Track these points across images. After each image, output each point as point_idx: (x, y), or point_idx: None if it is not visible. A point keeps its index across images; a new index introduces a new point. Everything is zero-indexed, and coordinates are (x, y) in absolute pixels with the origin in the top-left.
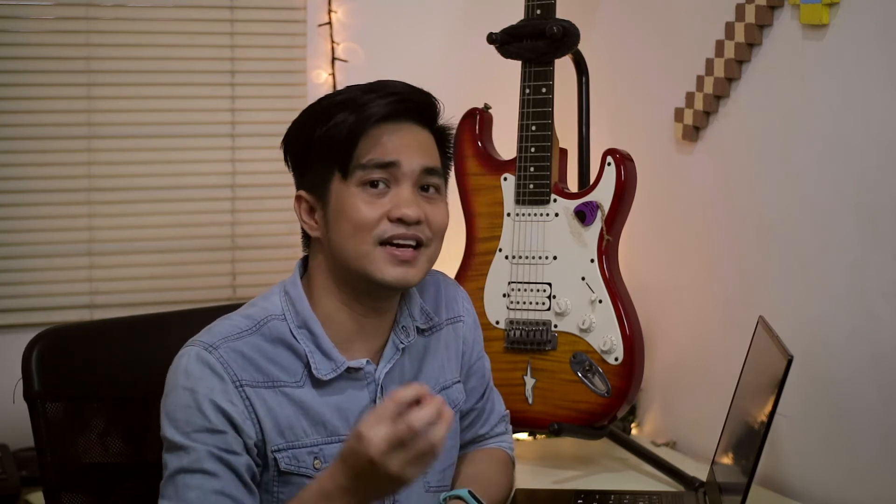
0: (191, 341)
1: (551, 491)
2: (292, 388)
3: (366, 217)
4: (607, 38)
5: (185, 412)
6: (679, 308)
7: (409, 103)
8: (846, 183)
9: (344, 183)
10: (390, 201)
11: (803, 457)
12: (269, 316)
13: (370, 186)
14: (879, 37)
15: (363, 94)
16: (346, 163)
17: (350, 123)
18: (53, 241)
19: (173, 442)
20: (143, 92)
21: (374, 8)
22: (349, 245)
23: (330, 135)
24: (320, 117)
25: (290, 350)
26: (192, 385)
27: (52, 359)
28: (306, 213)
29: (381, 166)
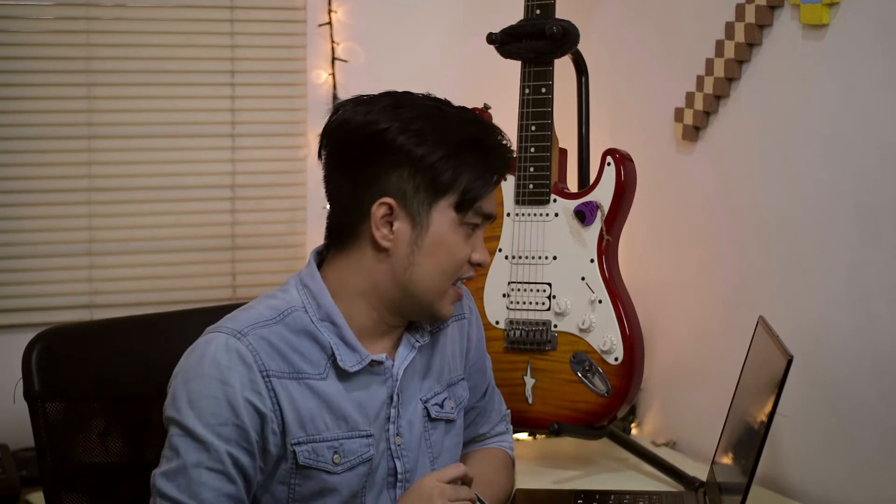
0: (215, 327)
1: (551, 491)
2: (316, 380)
3: (464, 255)
4: (607, 38)
5: (212, 403)
6: (679, 308)
7: None
8: (846, 183)
9: (454, 218)
10: (472, 244)
11: (803, 457)
12: (291, 307)
13: (472, 228)
14: (879, 37)
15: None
16: (468, 205)
17: (489, 169)
18: (53, 241)
19: (194, 432)
20: (143, 92)
21: (374, 8)
22: (436, 278)
23: (463, 173)
24: (437, 141)
25: (315, 341)
26: (223, 376)
27: (52, 359)
28: (382, 221)
29: (486, 217)
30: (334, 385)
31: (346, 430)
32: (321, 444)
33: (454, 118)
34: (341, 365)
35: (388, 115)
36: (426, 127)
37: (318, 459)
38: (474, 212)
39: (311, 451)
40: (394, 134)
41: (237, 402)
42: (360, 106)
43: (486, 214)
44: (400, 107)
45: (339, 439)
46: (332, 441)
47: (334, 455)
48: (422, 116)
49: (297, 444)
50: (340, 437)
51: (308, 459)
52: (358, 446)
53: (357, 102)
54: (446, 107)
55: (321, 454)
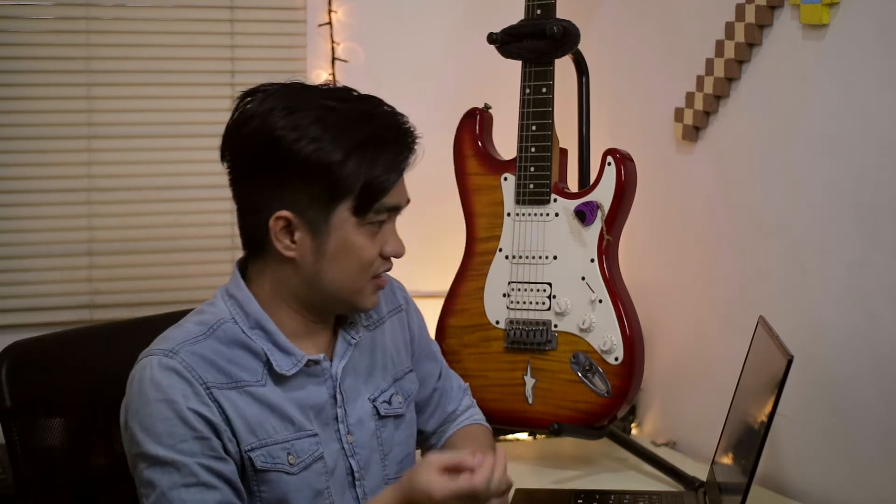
0: (146, 352)
1: (551, 491)
2: (255, 387)
3: (370, 256)
4: (607, 38)
5: (165, 424)
6: (679, 308)
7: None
8: (846, 183)
9: (354, 221)
10: (382, 238)
11: (803, 457)
12: (219, 320)
13: (374, 225)
14: (879, 37)
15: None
16: (367, 206)
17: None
18: (53, 241)
19: (158, 457)
20: (143, 92)
21: (374, 8)
22: (348, 280)
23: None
24: (331, 148)
25: (247, 350)
26: (166, 395)
27: (22, 374)
28: (282, 233)
29: (391, 210)
30: (273, 390)
31: (294, 431)
32: (274, 447)
33: (347, 117)
34: (277, 370)
35: (281, 121)
36: (318, 133)
37: (275, 461)
38: (375, 211)
39: (267, 455)
40: (286, 144)
41: (187, 416)
42: (259, 105)
43: (390, 208)
44: (293, 111)
45: (289, 440)
46: (284, 443)
47: (289, 456)
48: (315, 121)
49: (252, 450)
50: (290, 437)
51: (265, 463)
52: (308, 445)
53: (257, 99)
54: (342, 103)
55: (276, 456)
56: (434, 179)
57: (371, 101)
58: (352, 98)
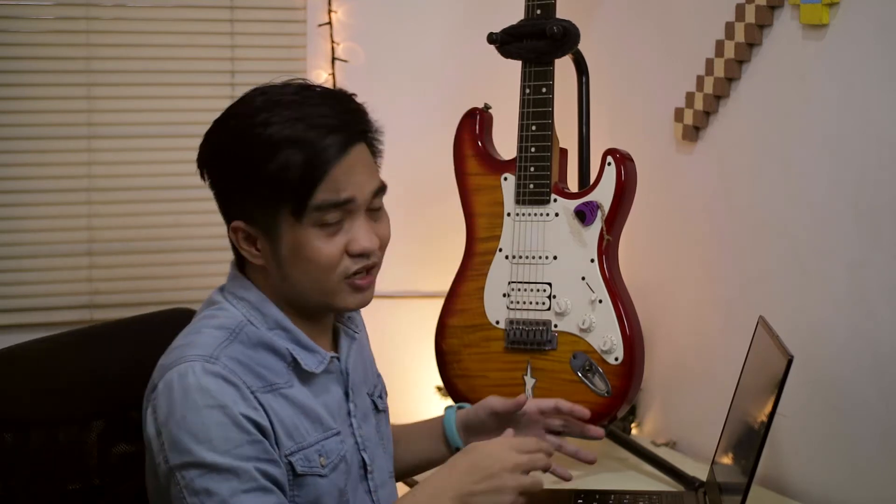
0: (178, 359)
1: (551, 491)
2: (286, 389)
3: (328, 257)
4: (607, 38)
5: (219, 430)
6: (679, 308)
7: (355, 129)
8: (846, 183)
9: (298, 224)
10: (346, 235)
11: (803, 457)
12: (239, 323)
13: (325, 224)
14: (879, 37)
15: (307, 127)
16: (301, 207)
17: (303, 168)
18: (53, 241)
19: (216, 465)
20: (143, 92)
21: (374, 8)
22: (312, 283)
23: (281, 177)
24: (263, 152)
25: (273, 352)
26: (218, 400)
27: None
28: (245, 242)
29: (336, 206)
30: (301, 390)
31: (323, 432)
32: (309, 450)
33: (281, 119)
34: (306, 368)
35: (222, 134)
36: (251, 139)
37: (311, 465)
38: (316, 210)
39: (304, 459)
40: (223, 157)
41: (241, 420)
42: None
43: (336, 203)
44: (227, 122)
45: (320, 441)
46: (315, 444)
47: (320, 457)
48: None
49: (291, 455)
50: (320, 439)
51: (304, 467)
52: (334, 445)
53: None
54: (274, 107)
55: (311, 459)
56: (434, 179)
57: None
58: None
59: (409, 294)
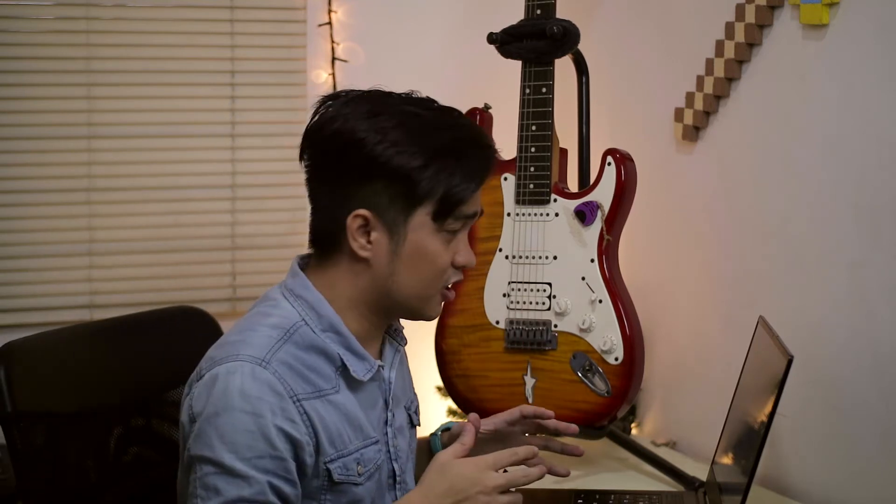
0: (232, 356)
1: (551, 491)
2: (332, 394)
3: (445, 263)
4: (607, 38)
5: (246, 437)
6: (679, 308)
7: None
8: (846, 183)
9: (432, 226)
10: (455, 247)
11: (803, 457)
12: (293, 323)
13: (450, 232)
14: (879, 37)
15: (465, 141)
16: (448, 214)
17: (462, 178)
18: (53, 241)
19: (232, 468)
20: (143, 92)
21: (374, 8)
22: (419, 286)
23: (436, 181)
24: (414, 151)
25: (323, 355)
26: (253, 408)
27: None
28: (359, 232)
29: (469, 218)
30: (347, 396)
31: (363, 440)
32: (348, 458)
33: (431, 124)
34: (354, 375)
35: (364, 123)
36: (401, 137)
37: (349, 473)
38: (454, 217)
39: (343, 467)
40: (369, 145)
41: (271, 433)
42: (341, 108)
43: (468, 216)
44: (377, 114)
45: (360, 449)
46: (355, 452)
47: (358, 466)
48: (398, 125)
49: (331, 462)
50: (360, 447)
51: (342, 475)
52: (373, 454)
53: (339, 102)
54: (425, 110)
55: (350, 467)
56: None
57: (452, 112)
58: (433, 107)
59: None
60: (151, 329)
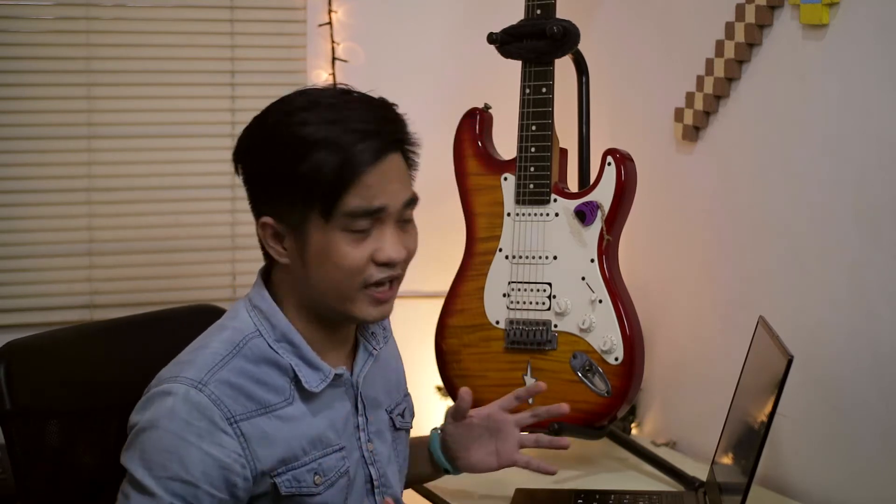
0: (172, 377)
1: (551, 491)
2: (284, 407)
3: (354, 262)
4: (607, 38)
5: (162, 456)
6: (679, 308)
7: (391, 137)
8: (846, 183)
9: (327, 226)
10: (374, 243)
11: (803, 457)
12: (245, 336)
13: (355, 229)
14: (879, 37)
15: (343, 131)
16: (330, 209)
17: (335, 171)
18: (53, 241)
19: (141, 483)
20: (143, 92)
21: (374, 8)
22: (332, 287)
23: (313, 178)
24: (298, 151)
25: (275, 366)
26: (177, 430)
27: (21, 374)
28: (272, 239)
29: (368, 213)
30: (300, 408)
31: (322, 449)
32: (300, 470)
33: (313, 120)
34: (306, 387)
35: (258, 130)
36: (283, 140)
37: (301, 485)
38: (344, 215)
39: (292, 479)
40: (257, 152)
41: (189, 457)
42: (252, 121)
43: (366, 212)
44: (273, 123)
45: (317, 459)
46: (311, 463)
47: (315, 476)
48: (286, 129)
49: (277, 476)
50: (318, 457)
51: (290, 488)
52: (334, 462)
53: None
54: (313, 107)
55: (302, 479)
56: (434, 179)
57: (342, 104)
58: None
59: (409, 294)
60: (163, 327)
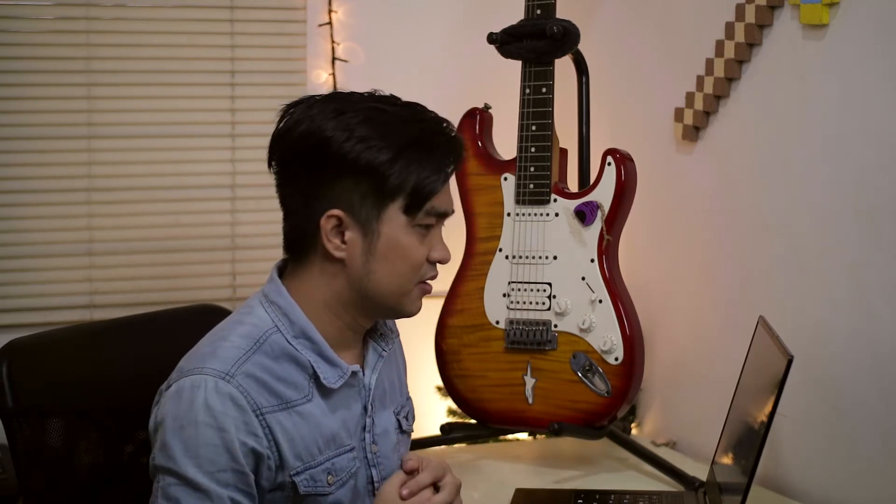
0: (197, 368)
1: (551, 491)
2: (303, 404)
3: (419, 257)
4: (607, 38)
5: (210, 450)
6: (679, 308)
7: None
8: (846, 183)
9: (405, 222)
10: (429, 242)
11: (803, 457)
12: (265, 331)
13: (425, 228)
14: (879, 37)
15: (432, 133)
16: (418, 207)
17: (429, 172)
18: (53, 241)
19: (194, 481)
20: (143, 92)
21: (374, 8)
22: (395, 282)
23: (405, 176)
24: (381, 146)
25: (295, 363)
26: (218, 422)
27: (23, 373)
28: (333, 232)
29: (441, 216)
30: (319, 405)
31: (335, 449)
32: (317, 469)
33: (396, 118)
34: (325, 382)
35: (330, 122)
36: (368, 132)
37: (316, 485)
38: (425, 212)
39: (310, 479)
40: (336, 143)
41: (234, 447)
42: (306, 110)
43: (440, 213)
44: (343, 112)
45: (331, 459)
46: (325, 463)
47: (328, 476)
48: (364, 121)
49: (297, 475)
50: (332, 456)
51: (308, 487)
52: (346, 462)
53: (304, 106)
54: (390, 106)
55: (318, 479)
56: None
57: (416, 107)
58: (398, 103)
59: None
60: (163, 327)
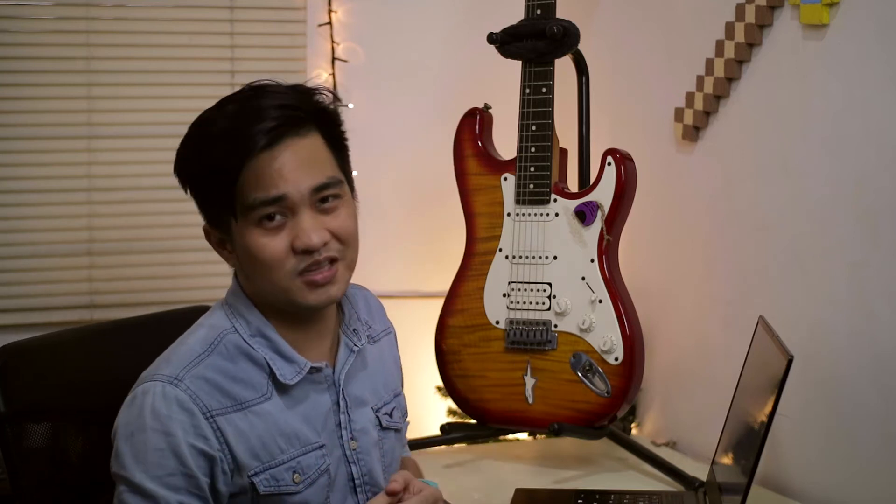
0: (150, 376)
1: (551, 491)
2: (260, 403)
3: (273, 254)
4: (607, 38)
5: (157, 455)
6: (679, 308)
7: (288, 122)
8: (846, 183)
9: (240, 223)
10: (291, 231)
11: (803, 457)
12: (220, 332)
13: (266, 221)
14: (879, 37)
15: (235, 118)
16: (232, 206)
17: (225, 162)
18: (53, 240)
19: (142, 487)
20: (143, 92)
21: (374, 8)
22: (267, 281)
23: (212, 177)
24: (201, 152)
25: (251, 361)
26: (165, 427)
27: (17, 376)
28: (218, 245)
29: (268, 203)
30: (277, 404)
31: (300, 447)
32: (279, 469)
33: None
34: (281, 379)
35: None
36: (190, 139)
37: (279, 484)
38: (247, 208)
39: (271, 478)
40: (181, 161)
41: (182, 450)
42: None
43: (263, 201)
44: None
45: (296, 458)
46: (290, 461)
47: (294, 475)
48: (192, 131)
49: (255, 475)
50: (296, 455)
51: (269, 487)
52: (314, 460)
53: None
54: (226, 104)
55: (281, 478)
56: (434, 179)
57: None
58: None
59: (409, 294)
60: (163, 328)
